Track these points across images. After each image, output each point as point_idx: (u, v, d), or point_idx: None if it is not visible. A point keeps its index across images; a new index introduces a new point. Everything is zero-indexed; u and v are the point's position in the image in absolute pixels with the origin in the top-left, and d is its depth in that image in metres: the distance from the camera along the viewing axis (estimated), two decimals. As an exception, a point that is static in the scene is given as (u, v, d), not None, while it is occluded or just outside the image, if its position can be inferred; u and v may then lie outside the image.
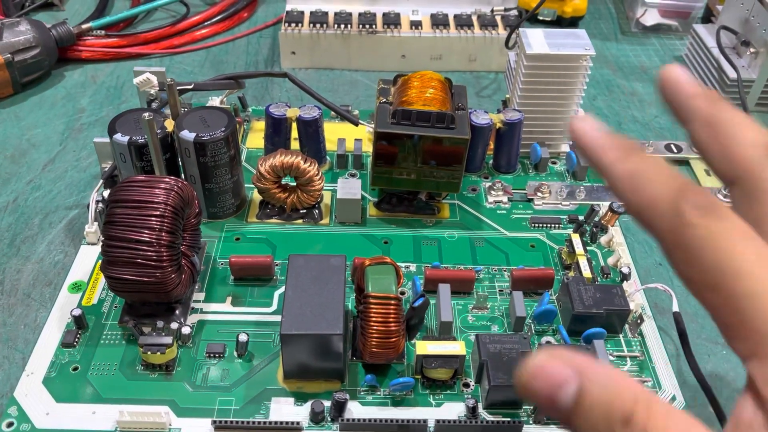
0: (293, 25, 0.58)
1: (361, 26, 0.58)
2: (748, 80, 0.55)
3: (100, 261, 0.40)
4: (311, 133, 0.46)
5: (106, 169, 0.43)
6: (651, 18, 0.67)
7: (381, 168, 0.42)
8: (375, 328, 0.33)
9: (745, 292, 0.18)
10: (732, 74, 0.55)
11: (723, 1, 0.61)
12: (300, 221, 0.44)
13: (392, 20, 0.59)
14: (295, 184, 0.43)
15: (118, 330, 0.37)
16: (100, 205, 0.42)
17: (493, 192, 0.46)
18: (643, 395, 0.18)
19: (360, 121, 0.50)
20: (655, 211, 0.20)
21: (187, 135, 0.39)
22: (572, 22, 0.67)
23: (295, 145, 0.47)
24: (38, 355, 0.35)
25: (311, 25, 0.58)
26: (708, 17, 0.67)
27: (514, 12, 0.60)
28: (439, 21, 0.59)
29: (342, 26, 0.58)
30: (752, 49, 0.56)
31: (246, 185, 0.45)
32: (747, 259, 0.18)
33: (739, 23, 0.57)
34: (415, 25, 0.59)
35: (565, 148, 0.50)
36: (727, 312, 0.18)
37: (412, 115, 0.40)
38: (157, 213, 0.34)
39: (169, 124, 0.40)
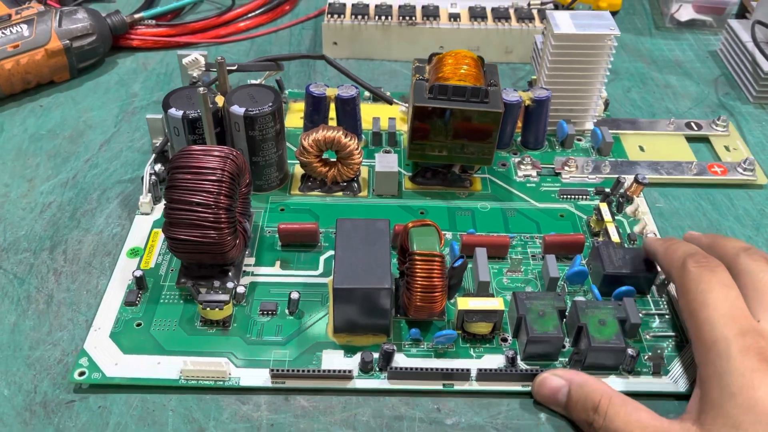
0: (335, 16, 0.60)
1: (401, 18, 0.60)
2: (783, 74, 0.56)
3: (154, 229, 0.43)
4: (349, 111, 0.48)
5: (158, 144, 0.46)
6: (685, 13, 0.68)
7: (417, 142, 0.44)
8: (420, 283, 0.35)
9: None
10: (766, 67, 0.56)
11: (758, -3, 0.62)
12: (340, 193, 0.46)
13: (431, 12, 0.60)
14: (335, 158, 0.46)
15: (176, 291, 0.39)
16: (153, 177, 0.44)
17: (522, 167, 0.48)
18: (606, 392, 0.31)
19: (394, 100, 0.52)
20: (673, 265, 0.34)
21: (237, 110, 0.42)
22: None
23: (332, 124, 0.50)
24: (104, 313, 0.38)
25: (353, 16, 0.60)
26: (742, 13, 0.68)
27: (551, 6, 0.62)
28: (476, 13, 0.61)
29: (383, 18, 0.60)
30: (787, 44, 0.57)
31: (288, 161, 0.47)
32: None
33: (775, 18, 0.58)
34: (454, 17, 0.60)
35: (589, 125, 0.52)
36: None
37: (448, 90, 0.42)
38: (215, 178, 0.36)
39: (220, 100, 0.43)
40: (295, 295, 0.38)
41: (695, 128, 0.53)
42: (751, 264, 0.32)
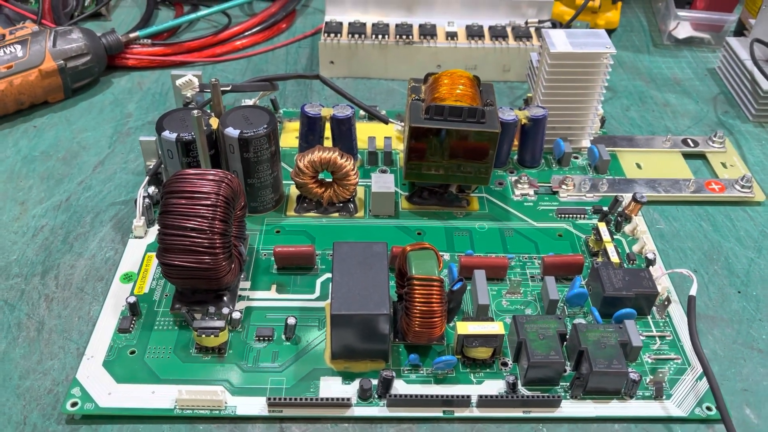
0: (332, 35, 0.60)
1: (398, 37, 0.60)
2: (782, 92, 0.55)
3: (148, 253, 0.42)
4: (344, 131, 0.48)
5: (151, 167, 0.46)
6: (683, 31, 0.67)
7: (414, 163, 0.44)
8: (419, 308, 0.35)
9: None
10: (766, 86, 0.55)
11: (756, 15, 0.62)
12: (336, 214, 0.46)
13: (428, 31, 0.60)
14: (331, 179, 0.45)
15: (170, 317, 0.38)
16: (147, 200, 0.44)
17: (519, 185, 0.48)
18: None
19: (390, 119, 0.52)
20: None
21: (232, 132, 0.41)
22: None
23: (328, 143, 0.50)
24: (96, 341, 0.37)
25: (350, 35, 0.60)
26: (740, 30, 0.68)
27: (548, 24, 0.62)
28: (474, 32, 0.60)
29: (379, 37, 0.59)
30: (785, 62, 0.56)
31: (283, 182, 0.47)
32: None
33: (774, 36, 0.58)
34: (451, 36, 0.60)
35: (586, 143, 0.52)
36: None
37: (444, 110, 0.42)
38: (209, 203, 0.36)
39: (214, 122, 0.43)
40: (291, 321, 0.37)
41: (692, 145, 0.53)
42: None
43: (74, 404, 0.34)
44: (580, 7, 0.62)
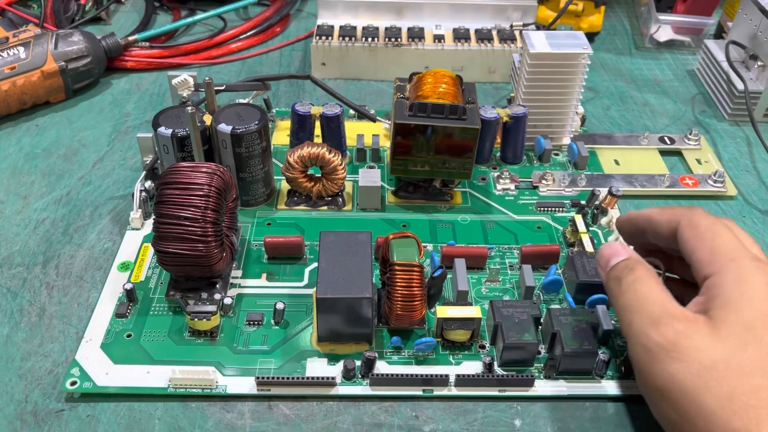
0: (324, 38, 0.62)
1: (387, 39, 0.62)
2: (756, 92, 0.57)
3: (144, 243, 0.44)
4: (333, 128, 0.50)
5: (148, 162, 0.48)
6: (664, 34, 0.70)
7: (399, 158, 0.46)
8: (400, 292, 0.37)
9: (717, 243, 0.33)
10: (740, 86, 0.57)
11: (733, 18, 0.64)
12: (325, 208, 0.48)
13: (416, 34, 0.62)
14: (320, 174, 0.47)
15: (165, 303, 0.40)
16: (143, 194, 0.46)
17: (501, 180, 0.50)
18: (649, 268, 0.34)
19: (377, 118, 0.54)
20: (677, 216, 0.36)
21: (225, 128, 0.43)
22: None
23: (318, 141, 0.52)
24: (95, 325, 0.39)
25: (341, 38, 0.62)
26: (719, 33, 0.70)
27: (532, 27, 0.64)
28: (460, 35, 0.63)
29: (369, 39, 0.62)
30: (760, 63, 0.58)
31: (274, 177, 0.49)
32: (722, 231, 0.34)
33: (748, 38, 0.60)
34: (438, 38, 0.62)
35: (566, 140, 0.54)
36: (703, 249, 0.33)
37: (427, 107, 0.44)
38: (202, 193, 0.38)
39: (207, 119, 0.45)
40: (280, 306, 0.39)
41: (668, 142, 0.55)
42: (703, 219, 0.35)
43: (73, 383, 0.36)
44: (561, 10, 0.64)
